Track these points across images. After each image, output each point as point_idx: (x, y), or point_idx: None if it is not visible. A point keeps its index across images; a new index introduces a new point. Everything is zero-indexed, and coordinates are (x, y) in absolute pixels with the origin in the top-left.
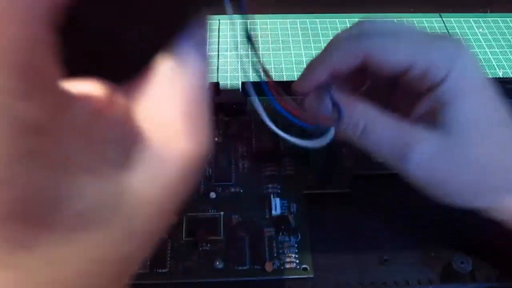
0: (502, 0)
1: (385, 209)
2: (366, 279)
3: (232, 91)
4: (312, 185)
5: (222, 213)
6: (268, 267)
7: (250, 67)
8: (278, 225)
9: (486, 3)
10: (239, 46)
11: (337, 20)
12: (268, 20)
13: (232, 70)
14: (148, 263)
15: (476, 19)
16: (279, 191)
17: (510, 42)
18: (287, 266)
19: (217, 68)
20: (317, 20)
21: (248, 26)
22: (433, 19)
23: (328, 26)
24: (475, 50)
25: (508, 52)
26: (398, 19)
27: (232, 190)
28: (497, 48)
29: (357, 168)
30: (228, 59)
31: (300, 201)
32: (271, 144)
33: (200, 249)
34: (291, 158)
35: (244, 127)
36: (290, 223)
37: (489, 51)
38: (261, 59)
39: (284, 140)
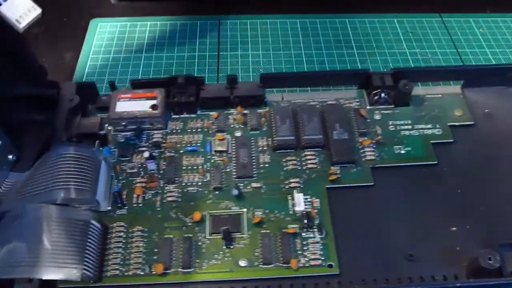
0: (502, 0)
1: (410, 203)
2: (392, 274)
3: (250, 84)
4: (334, 179)
5: (245, 209)
6: (294, 264)
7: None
8: (302, 221)
9: (486, 3)
10: (239, 46)
11: (337, 20)
12: (268, 20)
13: (232, 70)
14: (173, 261)
15: (476, 19)
16: (301, 186)
17: (510, 42)
18: (312, 263)
19: (217, 68)
20: (317, 20)
21: None
22: (433, 19)
23: (328, 26)
24: (475, 50)
25: (508, 52)
26: (398, 19)
27: (254, 185)
28: (497, 48)
29: (380, 161)
30: (228, 59)
31: (323, 196)
32: (291, 137)
33: (224, 246)
34: (311, 150)
35: (264, 120)
36: (314, 219)
37: (489, 51)
38: None
39: (304, 132)
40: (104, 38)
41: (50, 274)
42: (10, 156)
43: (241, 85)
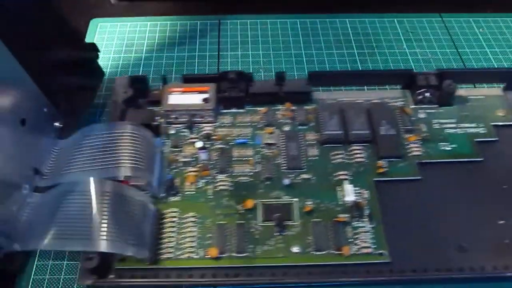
0: (502, 0)
1: (457, 197)
2: (442, 265)
3: (298, 81)
4: (382, 172)
5: (295, 199)
6: (346, 251)
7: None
8: (352, 211)
9: (486, 3)
10: (239, 46)
11: (337, 20)
12: (268, 20)
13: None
14: (227, 246)
15: (476, 19)
16: (350, 178)
17: (510, 42)
18: (364, 251)
19: (218, 68)
20: (317, 20)
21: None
22: (433, 19)
23: (328, 26)
24: (475, 50)
25: (508, 52)
26: (398, 19)
27: (304, 177)
28: (497, 48)
29: (426, 156)
30: (228, 59)
31: (371, 188)
32: (339, 131)
33: (277, 234)
34: (359, 145)
35: (311, 115)
36: (364, 209)
37: (489, 51)
38: None
39: (351, 127)
40: (104, 38)
41: (118, 249)
42: (57, 124)
43: (289, 82)
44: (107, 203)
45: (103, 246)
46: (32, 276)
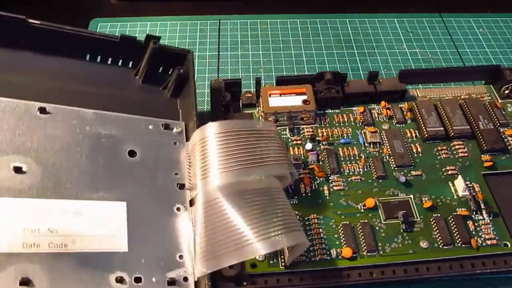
0: (502, 0)
1: None
2: None
3: (391, 80)
4: (490, 165)
5: (411, 195)
6: (474, 244)
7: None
8: (469, 204)
9: (486, 3)
10: (239, 46)
11: (337, 20)
12: (268, 20)
13: (232, 70)
14: (358, 246)
15: (476, 19)
16: (458, 173)
17: (510, 42)
18: (489, 243)
19: (218, 68)
20: (317, 20)
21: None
22: (433, 19)
23: (328, 26)
24: (475, 50)
25: (508, 52)
26: (398, 19)
27: (414, 173)
28: (497, 48)
29: None
30: (228, 59)
31: (481, 181)
32: (441, 128)
33: (403, 230)
34: (459, 140)
35: (409, 113)
36: (480, 202)
37: (489, 51)
38: None
39: (452, 123)
40: None
41: (298, 239)
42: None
43: (383, 81)
44: (283, 197)
45: (285, 240)
46: None
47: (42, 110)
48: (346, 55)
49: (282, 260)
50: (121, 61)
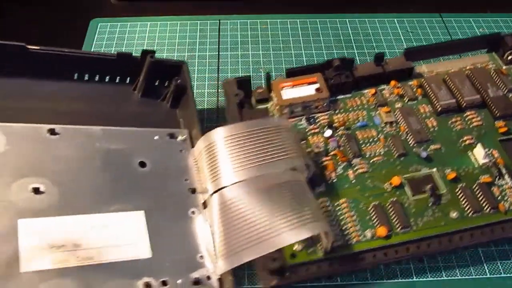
0: (502, 0)
1: None
2: None
3: (396, 59)
4: (505, 131)
5: (434, 169)
6: (502, 208)
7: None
8: (491, 171)
9: (486, 3)
10: (239, 46)
11: (337, 20)
12: (268, 20)
13: (232, 70)
14: (391, 224)
15: (476, 19)
16: (475, 142)
17: None
18: None
19: (218, 68)
20: (317, 20)
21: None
22: (433, 19)
23: (328, 26)
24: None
25: None
26: (398, 19)
27: (434, 147)
28: None
29: None
30: (228, 59)
31: (499, 147)
32: (453, 100)
33: (431, 204)
34: (472, 110)
35: (420, 90)
36: (501, 167)
37: None
38: None
39: (462, 94)
40: (104, 38)
41: (324, 228)
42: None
43: (389, 61)
44: (300, 189)
45: (313, 228)
46: None
47: (52, 132)
48: (346, 55)
49: (321, 247)
50: (119, 77)
